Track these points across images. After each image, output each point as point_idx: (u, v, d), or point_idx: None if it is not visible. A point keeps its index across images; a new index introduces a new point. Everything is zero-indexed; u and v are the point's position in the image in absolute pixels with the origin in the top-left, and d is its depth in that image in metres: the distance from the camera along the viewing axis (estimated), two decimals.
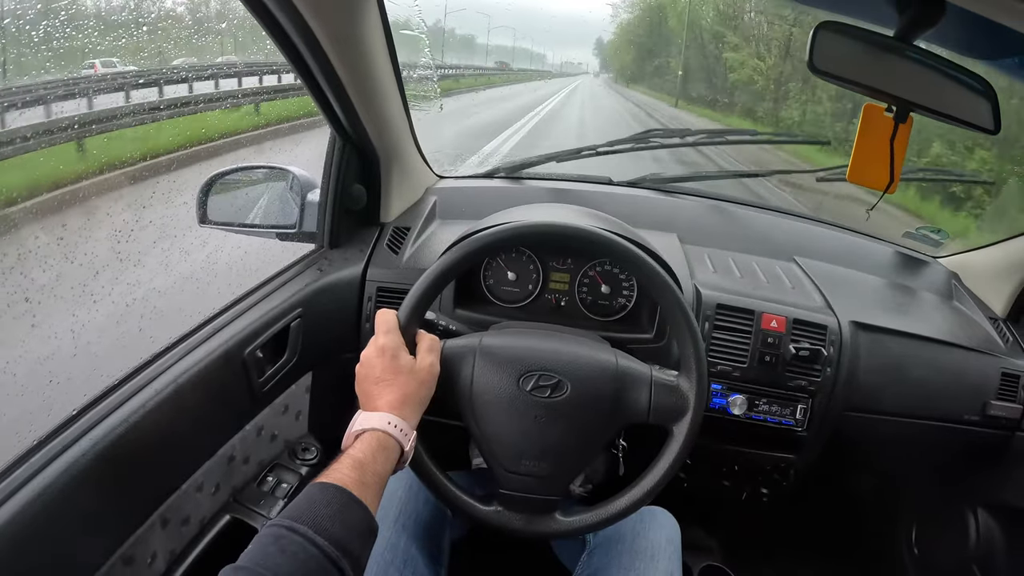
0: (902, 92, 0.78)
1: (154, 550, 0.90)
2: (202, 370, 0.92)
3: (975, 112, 0.80)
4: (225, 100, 4.58)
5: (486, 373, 0.85)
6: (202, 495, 1.00)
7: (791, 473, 1.23)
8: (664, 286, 0.85)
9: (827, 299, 1.23)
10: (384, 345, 0.80)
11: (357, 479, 0.67)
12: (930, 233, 1.50)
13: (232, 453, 1.06)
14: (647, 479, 0.84)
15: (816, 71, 0.75)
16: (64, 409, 0.80)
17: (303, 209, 1.25)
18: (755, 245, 1.43)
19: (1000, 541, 1.30)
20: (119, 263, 2.17)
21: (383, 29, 1.06)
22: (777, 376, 1.14)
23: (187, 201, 1.28)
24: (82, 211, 2.75)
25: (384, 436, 0.73)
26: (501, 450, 0.84)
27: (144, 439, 0.82)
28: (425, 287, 0.85)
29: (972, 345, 1.23)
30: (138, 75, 3.96)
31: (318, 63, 0.98)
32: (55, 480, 0.71)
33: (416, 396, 0.78)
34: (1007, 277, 1.36)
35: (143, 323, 1.87)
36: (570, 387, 0.84)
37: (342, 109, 1.10)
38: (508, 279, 1.19)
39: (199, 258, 2.52)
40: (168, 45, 3.66)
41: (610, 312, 1.18)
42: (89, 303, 1.98)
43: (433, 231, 1.35)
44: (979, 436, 1.21)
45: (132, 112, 3.37)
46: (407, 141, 1.35)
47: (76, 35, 1.95)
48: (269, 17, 0.88)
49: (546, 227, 0.89)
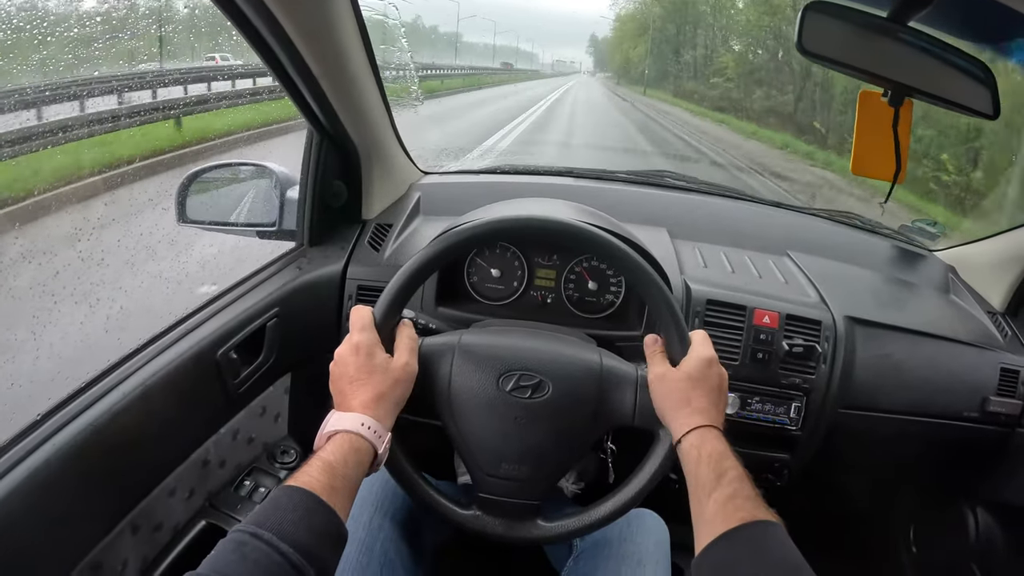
0: (897, 75, 0.75)
1: (125, 557, 0.88)
2: (172, 372, 0.90)
3: (973, 97, 0.78)
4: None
5: (465, 372, 0.82)
6: (175, 500, 0.98)
7: (786, 473, 1.21)
8: (650, 281, 0.82)
9: (821, 294, 1.21)
10: (359, 343, 0.77)
11: (326, 483, 0.64)
12: (926, 226, 1.48)
13: (207, 457, 1.03)
14: (633, 483, 0.81)
15: (805, 53, 0.73)
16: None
17: (283, 207, 1.22)
18: (747, 239, 1.41)
19: (1000, 540, 1.28)
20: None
21: (356, 21, 1.03)
22: (770, 373, 1.12)
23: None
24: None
25: (356, 438, 0.70)
26: (480, 452, 0.81)
27: (112, 443, 0.80)
28: (402, 283, 0.81)
29: (970, 340, 1.21)
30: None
31: (289, 56, 0.95)
32: (19, 485, 0.69)
33: (391, 395, 0.75)
34: (1005, 270, 1.33)
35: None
36: (552, 387, 0.80)
37: (317, 103, 1.07)
38: (492, 276, 1.16)
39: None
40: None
41: (597, 309, 1.16)
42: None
43: (416, 227, 1.32)
44: (978, 433, 1.19)
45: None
46: (388, 136, 1.32)
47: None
48: (237, 12, 0.86)
49: (527, 221, 0.86)
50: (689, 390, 0.76)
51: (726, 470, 0.69)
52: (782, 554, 0.62)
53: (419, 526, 0.97)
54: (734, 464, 0.70)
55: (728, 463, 0.70)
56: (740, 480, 0.68)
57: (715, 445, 0.72)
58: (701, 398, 0.76)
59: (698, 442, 0.73)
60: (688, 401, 0.76)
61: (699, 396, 0.76)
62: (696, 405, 0.75)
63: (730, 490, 0.67)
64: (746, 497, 0.67)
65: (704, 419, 0.74)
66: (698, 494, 0.70)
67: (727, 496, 0.67)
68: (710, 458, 0.70)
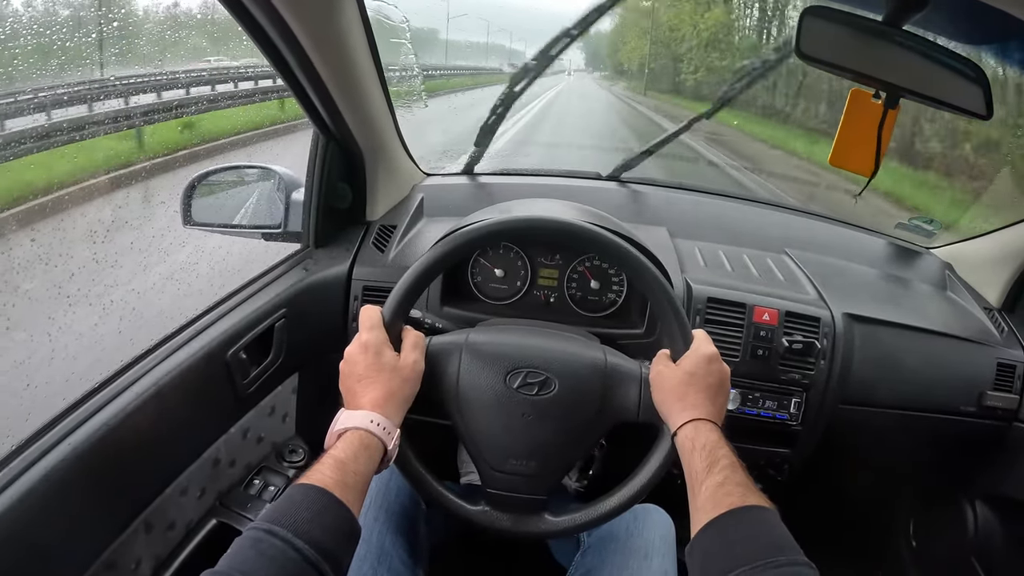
0: (892, 77, 0.77)
1: (139, 556, 0.89)
2: (184, 372, 0.91)
3: (967, 97, 0.79)
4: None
5: (472, 370, 0.83)
6: (187, 499, 0.99)
7: (786, 468, 1.22)
8: (652, 280, 0.84)
9: (820, 291, 1.22)
10: (367, 342, 0.78)
11: (338, 479, 0.65)
12: (923, 224, 1.49)
13: (217, 456, 1.05)
14: (638, 478, 0.83)
15: (803, 56, 0.74)
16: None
17: (288, 208, 1.23)
18: (746, 238, 1.42)
19: (999, 533, 1.29)
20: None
21: (363, 25, 1.04)
22: (770, 370, 1.13)
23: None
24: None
25: (366, 435, 0.71)
26: (488, 448, 0.82)
27: (125, 443, 0.81)
28: (410, 283, 0.83)
29: (967, 335, 1.22)
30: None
31: (298, 61, 0.96)
32: (34, 486, 0.70)
33: (400, 394, 0.77)
34: (1001, 267, 1.35)
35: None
36: (558, 384, 0.82)
37: (324, 107, 1.08)
38: (496, 276, 1.17)
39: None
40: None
41: (600, 308, 1.17)
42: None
43: (420, 229, 1.33)
44: (976, 427, 1.20)
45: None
46: (392, 138, 1.33)
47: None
48: (247, 16, 0.87)
49: (530, 222, 0.87)
50: (687, 386, 0.78)
51: (718, 459, 0.71)
52: (770, 537, 0.63)
53: (416, 523, 0.98)
54: (726, 453, 0.72)
55: (720, 452, 0.71)
56: (732, 468, 0.70)
57: (708, 436, 0.73)
58: (698, 394, 0.77)
59: (692, 434, 0.74)
60: (685, 396, 0.77)
61: (696, 392, 0.78)
62: (692, 400, 0.77)
63: (720, 477, 0.69)
64: (736, 483, 0.68)
65: (700, 413, 0.76)
66: (692, 483, 0.71)
67: (717, 483, 0.68)
68: (703, 448, 0.72)
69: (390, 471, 0.85)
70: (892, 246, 1.52)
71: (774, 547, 0.61)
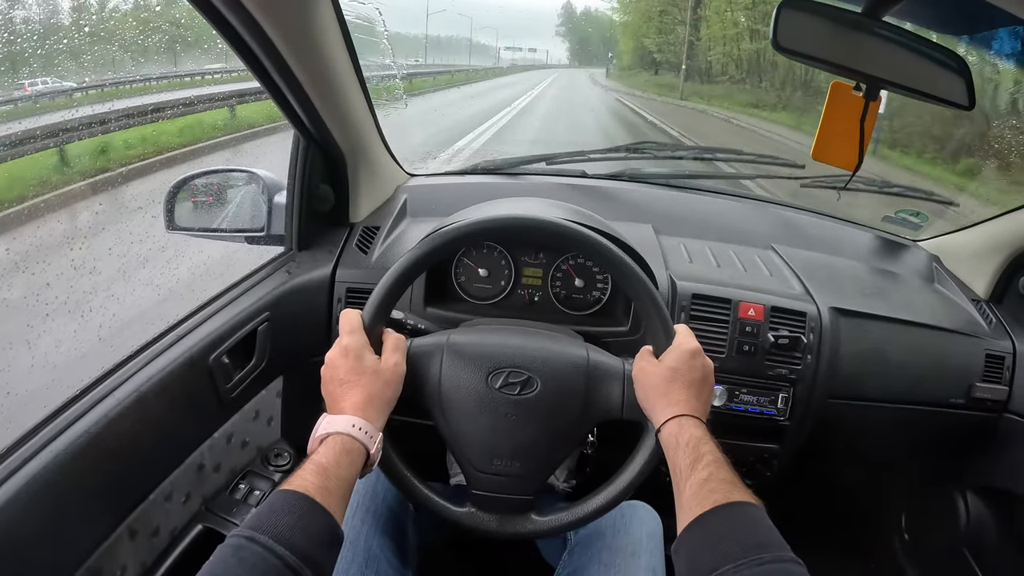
0: (872, 69, 0.76)
1: (124, 562, 0.88)
2: (166, 377, 0.90)
3: (949, 88, 0.78)
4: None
5: (454, 371, 0.82)
6: (172, 505, 0.98)
7: (775, 464, 1.22)
8: (633, 276, 0.83)
9: (806, 286, 1.22)
10: (348, 345, 0.77)
11: (320, 485, 0.65)
12: (909, 216, 1.49)
13: (201, 461, 1.04)
14: (623, 476, 0.82)
15: (781, 49, 0.74)
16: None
17: (271, 212, 1.22)
18: (732, 234, 1.42)
19: (990, 524, 1.30)
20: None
21: (339, 26, 1.03)
22: (757, 365, 1.13)
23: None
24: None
25: (348, 440, 0.71)
26: (471, 449, 0.82)
27: (108, 449, 0.81)
28: (389, 285, 0.82)
29: (955, 328, 1.22)
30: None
31: (273, 62, 0.95)
32: (16, 493, 0.69)
33: (381, 397, 0.76)
34: (988, 258, 1.35)
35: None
36: (540, 383, 0.81)
37: (302, 108, 1.08)
38: (479, 276, 1.17)
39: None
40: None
41: (584, 306, 1.16)
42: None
43: (403, 229, 1.32)
44: (966, 419, 1.20)
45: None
46: (373, 139, 1.32)
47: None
48: (219, 17, 0.86)
49: (513, 221, 0.86)
50: (669, 381, 0.77)
51: (703, 455, 0.70)
52: (755, 533, 0.62)
53: (403, 525, 0.98)
54: (711, 449, 0.71)
55: (705, 448, 0.71)
56: (716, 464, 0.69)
57: (693, 432, 0.73)
58: (681, 390, 0.77)
59: (676, 430, 0.74)
60: (668, 392, 0.77)
61: (679, 387, 0.77)
62: (675, 396, 0.76)
63: (705, 474, 0.68)
64: (721, 480, 0.68)
65: (683, 409, 0.75)
66: (677, 480, 0.71)
67: (702, 480, 0.68)
68: (688, 444, 0.71)
69: (376, 473, 0.85)
70: (879, 239, 1.52)
71: (760, 544, 0.61)
